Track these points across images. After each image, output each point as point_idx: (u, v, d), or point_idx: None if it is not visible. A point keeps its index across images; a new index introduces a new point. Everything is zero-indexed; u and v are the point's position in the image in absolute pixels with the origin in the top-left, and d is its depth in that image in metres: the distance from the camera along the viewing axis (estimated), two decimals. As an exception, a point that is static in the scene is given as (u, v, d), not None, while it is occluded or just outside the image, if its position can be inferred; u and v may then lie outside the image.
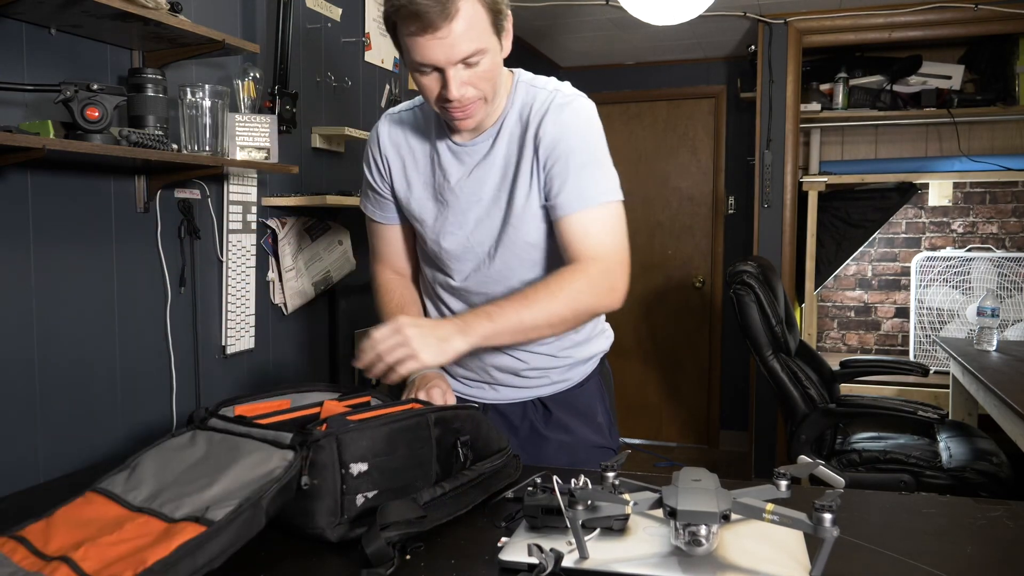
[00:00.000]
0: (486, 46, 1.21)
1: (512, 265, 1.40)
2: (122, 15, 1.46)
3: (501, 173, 1.36)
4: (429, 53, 1.19)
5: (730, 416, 4.68)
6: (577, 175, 1.30)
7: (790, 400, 2.65)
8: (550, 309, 1.25)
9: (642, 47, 4.26)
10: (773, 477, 0.99)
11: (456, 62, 1.20)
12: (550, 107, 1.32)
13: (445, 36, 1.16)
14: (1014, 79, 3.80)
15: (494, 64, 1.25)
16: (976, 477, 2.46)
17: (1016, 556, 0.99)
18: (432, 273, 1.50)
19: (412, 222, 1.47)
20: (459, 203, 1.39)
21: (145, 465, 1.06)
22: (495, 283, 1.43)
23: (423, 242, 1.48)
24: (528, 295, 1.25)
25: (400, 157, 1.44)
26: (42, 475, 1.55)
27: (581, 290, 1.27)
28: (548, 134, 1.31)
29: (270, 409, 1.21)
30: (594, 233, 1.30)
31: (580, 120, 1.33)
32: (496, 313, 1.23)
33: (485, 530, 1.08)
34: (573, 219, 1.31)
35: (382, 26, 2.72)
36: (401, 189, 1.45)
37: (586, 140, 1.33)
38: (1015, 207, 4.14)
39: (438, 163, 1.40)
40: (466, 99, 1.24)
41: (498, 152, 1.36)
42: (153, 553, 0.84)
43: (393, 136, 1.45)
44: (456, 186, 1.39)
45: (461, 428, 1.17)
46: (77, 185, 1.61)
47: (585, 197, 1.30)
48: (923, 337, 4.06)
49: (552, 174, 1.32)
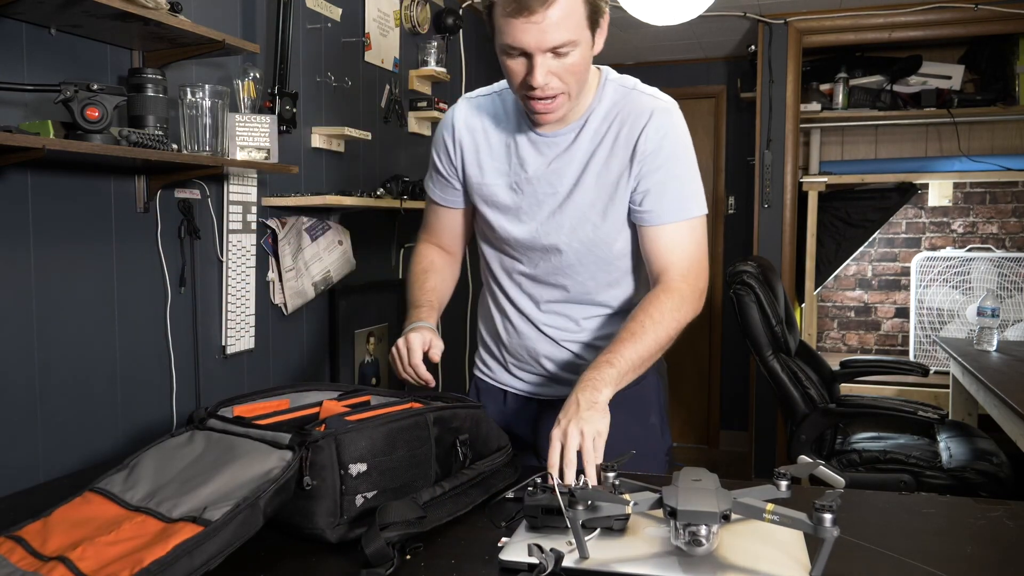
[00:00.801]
0: (578, 39, 1.21)
1: (585, 261, 1.41)
2: (122, 15, 1.46)
3: (581, 168, 1.36)
4: (521, 36, 1.19)
5: (730, 416, 4.68)
6: (675, 186, 1.33)
7: (790, 400, 2.65)
8: (658, 335, 1.29)
9: (642, 47, 4.26)
10: (773, 477, 0.99)
11: (546, 49, 1.20)
12: (654, 112, 1.33)
13: (540, 21, 1.17)
14: (1014, 79, 3.80)
15: (583, 59, 1.25)
16: (976, 477, 2.46)
17: (1016, 556, 0.99)
18: (500, 258, 1.50)
19: (481, 207, 1.46)
20: (535, 193, 1.39)
21: (144, 465, 1.06)
22: (563, 276, 1.43)
23: (490, 228, 1.47)
24: (635, 331, 1.28)
25: (474, 141, 1.43)
26: (42, 475, 1.55)
27: (678, 308, 1.31)
28: (650, 140, 1.32)
29: (269, 409, 1.21)
30: (683, 246, 1.34)
31: (680, 130, 1.36)
32: (615, 359, 1.25)
33: (485, 530, 1.08)
34: (665, 230, 1.34)
35: (382, 26, 2.73)
36: (474, 174, 1.44)
37: (685, 152, 1.36)
38: (1015, 207, 4.14)
39: (515, 151, 1.40)
40: (549, 89, 1.24)
41: (580, 147, 1.36)
42: (150, 553, 0.84)
43: (469, 120, 1.44)
44: (533, 176, 1.39)
45: (460, 427, 1.17)
46: (77, 185, 1.61)
47: (680, 209, 1.34)
48: (923, 337, 4.06)
49: (650, 182, 1.33)
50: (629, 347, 1.26)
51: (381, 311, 2.75)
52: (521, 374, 1.55)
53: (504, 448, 1.25)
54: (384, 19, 2.74)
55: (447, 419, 1.15)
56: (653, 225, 1.34)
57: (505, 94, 1.42)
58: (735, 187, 4.54)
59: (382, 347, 2.76)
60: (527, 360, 1.52)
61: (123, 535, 0.90)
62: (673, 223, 1.34)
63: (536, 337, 1.49)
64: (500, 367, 1.58)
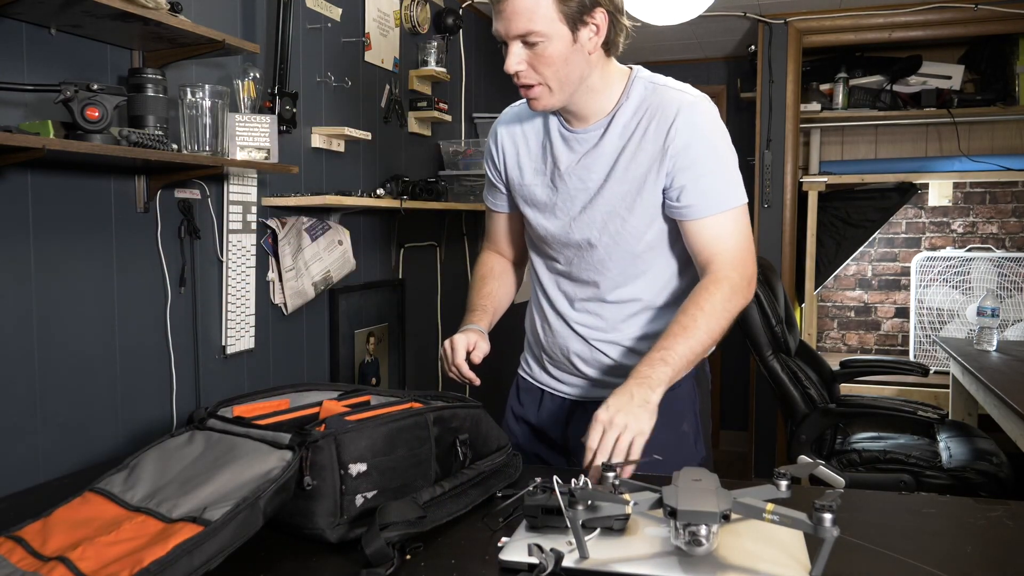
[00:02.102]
0: (548, 31, 1.26)
1: (614, 255, 1.44)
2: (122, 15, 1.46)
3: (610, 164, 1.40)
4: (496, 23, 1.30)
5: (730, 416, 4.68)
6: (711, 179, 1.35)
7: (790, 400, 2.65)
8: (711, 327, 1.30)
9: (642, 47, 4.26)
10: (773, 477, 0.99)
11: (513, 36, 1.28)
12: (681, 108, 1.35)
13: (503, 10, 1.27)
14: (1014, 79, 3.80)
15: (559, 53, 1.28)
16: (976, 477, 2.46)
17: (1016, 556, 0.99)
18: (539, 258, 1.57)
19: (522, 207, 1.53)
20: (567, 189, 1.44)
21: (143, 465, 1.06)
22: (595, 271, 1.47)
23: (530, 227, 1.53)
24: (686, 325, 1.28)
25: (515, 144, 1.52)
26: (42, 475, 1.55)
27: (729, 298, 1.32)
28: (680, 135, 1.34)
29: (269, 409, 1.21)
30: (727, 236, 1.36)
31: (711, 122, 1.38)
32: (669, 356, 1.26)
33: (485, 530, 1.08)
34: (707, 223, 1.36)
35: (382, 26, 2.73)
36: (515, 175, 1.52)
37: (718, 144, 1.37)
38: (1015, 207, 4.14)
39: (550, 149, 1.46)
40: (523, 77, 1.31)
41: (608, 142, 1.40)
42: (150, 553, 0.84)
43: (510, 126, 1.53)
44: (566, 172, 1.44)
45: (460, 427, 1.17)
46: (77, 185, 1.61)
47: (719, 201, 1.36)
48: (923, 337, 4.06)
49: (685, 177, 1.35)
50: (682, 342, 1.27)
51: (381, 311, 2.75)
52: (557, 373, 1.59)
53: (504, 448, 1.25)
54: (384, 19, 2.74)
55: (447, 419, 1.15)
56: (695, 219, 1.36)
57: None
58: (735, 187, 4.53)
59: (382, 347, 2.76)
60: (560, 360, 1.56)
61: (123, 535, 0.90)
62: (714, 215, 1.36)
63: (569, 335, 1.53)
64: (538, 366, 1.63)
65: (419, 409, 1.13)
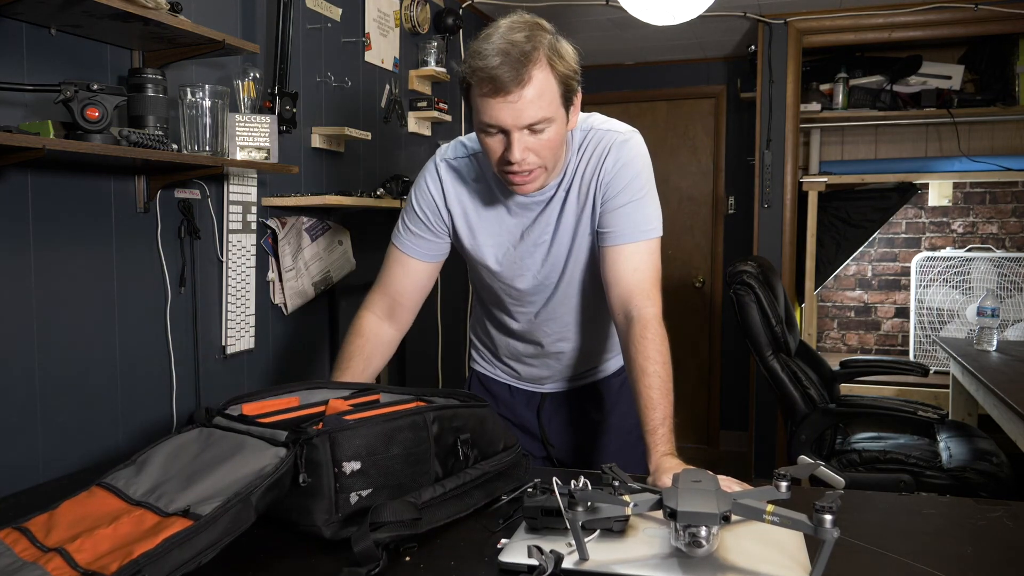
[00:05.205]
0: (553, 116, 1.27)
1: (569, 293, 1.50)
2: (122, 15, 1.46)
3: (559, 212, 1.43)
4: (498, 115, 1.24)
5: (730, 416, 4.68)
6: (632, 209, 1.39)
7: (790, 400, 2.64)
8: (668, 375, 1.35)
9: (642, 47, 4.26)
10: (773, 478, 0.99)
11: (522, 127, 1.25)
12: (611, 147, 1.40)
13: (515, 101, 1.22)
14: (1014, 79, 3.80)
15: (558, 135, 1.30)
16: (976, 477, 2.46)
17: (1016, 556, 0.99)
18: (492, 311, 1.60)
19: (477, 268, 1.53)
20: (527, 248, 1.46)
21: (151, 461, 1.07)
22: (553, 314, 1.52)
23: (485, 286, 1.56)
24: (657, 386, 1.32)
25: (461, 205, 1.47)
26: (42, 475, 1.55)
27: (664, 337, 1.37)
28: (608, 171, 1.39)
29: (277, 407, 1.22)
30: (641, 266, 1.40)
31: (640, 156, 1.41)
32: (668, 417, 1.30)
33: (484, 531, 1.08)
34: (626, 249, 1.39)
35: (382, 26, 2.73)
36: (465, 237, 1.49)
37: (641, 175, 1.41)
38: (1015, 207, 4.14)
39: (506, 212, 1.45)
40: (526, 164, 1.29)
41: (559, 196, 1.43)
42: (140, 546, 0.85)
43: (455, 185, 1.47)
44: (524, 233, 1.46)
45: (462, 426, 1.17)
46: (77, 185, 1.61)
47: (638, 230, 1.39)
48: (923, 337, 4.06)
49: (609, 206, 1.39)
50: (665, 400, 1.30)
51: (381, 311, 2.75)
52: (519, 369, 1.65)
53: (512, 447, 1.25)
54: (384, 19, 2.74)
55: (447, 418, 1.15)
56: (613, 245, 1.39)
57: (480, 157, 1.45)
58: (735, 187, 4.54)
59: (382, 347, 2.75)
60: (522, 360, 1.63)
61: (121, 528, 0.91)
62: (631, 243, 1.39)
63: (525, 347, 1.60)
64: (498, 366, 1.69)
65: (418, 408, 1.13)
